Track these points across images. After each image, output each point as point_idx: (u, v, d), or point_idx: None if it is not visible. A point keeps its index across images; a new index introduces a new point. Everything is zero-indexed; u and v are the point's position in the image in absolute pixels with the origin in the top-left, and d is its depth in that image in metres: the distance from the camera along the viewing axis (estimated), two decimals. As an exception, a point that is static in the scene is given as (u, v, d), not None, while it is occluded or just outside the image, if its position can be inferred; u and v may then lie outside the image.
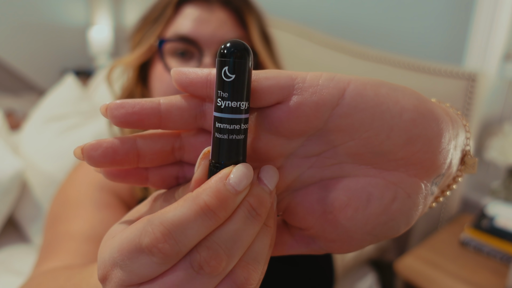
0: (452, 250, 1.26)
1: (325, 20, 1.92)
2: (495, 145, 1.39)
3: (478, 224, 1.26)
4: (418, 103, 0.23)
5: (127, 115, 0.22)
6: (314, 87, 0.22)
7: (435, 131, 0.22)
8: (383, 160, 0.22)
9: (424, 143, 0.22)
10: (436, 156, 0.23)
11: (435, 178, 0.24)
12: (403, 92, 0.23)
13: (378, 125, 0.22)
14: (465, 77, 1.33)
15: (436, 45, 1.55)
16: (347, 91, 0.22)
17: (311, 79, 0.23)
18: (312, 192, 0.24)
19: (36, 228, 1.30)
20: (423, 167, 0.23)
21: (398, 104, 0.22)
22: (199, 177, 0.23)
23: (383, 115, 0.22)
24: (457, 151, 0.25)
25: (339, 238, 0.24)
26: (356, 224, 0.23)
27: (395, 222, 0.24)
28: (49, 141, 1.36)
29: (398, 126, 0.22)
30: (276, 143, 0.24)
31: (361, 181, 0.23)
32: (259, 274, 0.22)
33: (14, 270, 1.18)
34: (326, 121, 0.22)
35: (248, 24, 0.64)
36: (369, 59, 1.59)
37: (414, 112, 0.22)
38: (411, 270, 1.18)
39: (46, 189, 1.30)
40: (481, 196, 1.52)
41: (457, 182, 0.29)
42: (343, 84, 0.22)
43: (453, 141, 0.24)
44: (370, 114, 0.22)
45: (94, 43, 3.41)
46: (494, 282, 1.13)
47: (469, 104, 1.34)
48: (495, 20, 1.36)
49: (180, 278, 0.21)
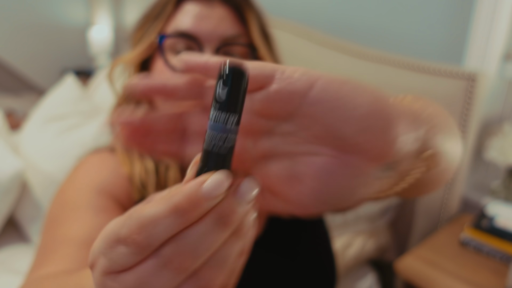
0: (452, 250, 1.26)
1: (326, 20, 1.92)
2: (495, 145, 1.39)
3: (478, 224, 1.26)
4: (373, 101, 0.28)
5: (149, 87, 0.30)
6: (290, 78, 0.27)
7: (384, 125, 0.28)
8: (341, 144, 0.27)
9: (373, 134, 0.27)
10: (384, 146, 0.28)
11: (386, 165, 0.29)
12: (363, 90, 0.28)
13: (337, 115, 0.27)
14: (465, 77, 1.33)
15: (436, 45, 1.55)
16: (315, 85, 0.27)
17: (289, 72, 0.28)
18: (282, 161, 0.30)
19: (36, 228, 1.30)
20: (373, 154, 0.28)
21: (355, 100, 0.27)
22: (188, 179, 0.26)
23: (341, 107, 0.27)
24: (413, 144, 0.31)
25: (297, 201, 0.30)
26: (312, 192, 0.29)
27: (342, 195, 0.29)
28: (49, 141, 1.36)
29: (353, 118, 0.27)
30: (257, 121, 0.29)
31: (321, 159, 0.28)
32: (222, 279, 0.25)
33: (14, 270, 1.18)
34: (297, 107, 0.28)
35: (247, 20, 0.65)
36: (369, 59, 1.59)
37: (367, 108, 0.27)
38: (411, 270, 1.18)
39: (46, 189, 1.30)
40: (481, 196, 1.52)
41: (420, 171, 0.34)
42: (313, 79, 0.27)
43: (407, 135, 0.29)
44: (331, 106, 0.27)
45: (94, 43, 3.41)
46: (494, 282, 1.13)
47: (469, 104, 1.34)
48: (495, 20, 1.36)
49: (149, 269, 0.23)
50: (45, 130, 1.40)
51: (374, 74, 1.57)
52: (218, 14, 0.63)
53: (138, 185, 0.66)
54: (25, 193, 1.31)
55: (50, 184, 1.30)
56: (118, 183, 0.66)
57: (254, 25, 0.65)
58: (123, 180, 0.66)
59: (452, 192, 1.45)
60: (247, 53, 0.65)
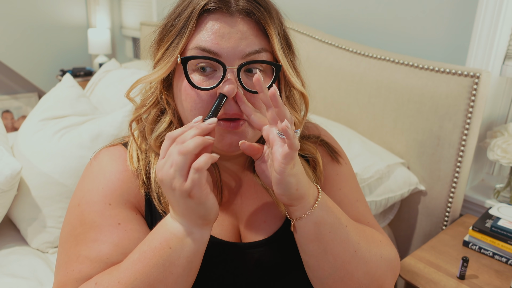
0: (456, 251, 1.25)
1: (336, 22, 1.91)
2: (499, 145, 1.38)
3: (482, 225, 1.24)
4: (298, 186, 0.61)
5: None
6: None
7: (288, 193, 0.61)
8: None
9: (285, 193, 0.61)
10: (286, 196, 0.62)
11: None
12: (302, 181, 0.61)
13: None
14: (468, 77, 1.32)
15: (440, 45, 1.54)
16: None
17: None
18: (263, 164, 0.63)
19: (32, 229, 1.28)
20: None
21: (293, 184, 0.60)
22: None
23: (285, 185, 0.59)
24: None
25: (273, 181, 0.60)
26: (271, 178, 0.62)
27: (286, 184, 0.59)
28: (47, 141, 1.34)
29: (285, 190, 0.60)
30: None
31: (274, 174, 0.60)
32: (175, 170, 0.53)
33: (11, 271, 1.16)
34: None
35: (270, 35, 0.65)
36: (373, 57, 1.58)
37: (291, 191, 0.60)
38: (413, 271, 1.16)
39: (43, 189, 1.28)
40: (485, 197, 1.50)
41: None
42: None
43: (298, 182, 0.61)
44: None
45: (93, 44, 3.40)
46: (499, 284, 1.11)
47: (472, 103, 1.32)
48: (499, 20, 1.34)
49: (175, 150, 0.54)
50: (43, 131, 1.38)
51: (377, 71, 1.55)
52: (239, 31, 0.63)
53: (144, 179, 0.70)
54: (22, 193, 1.29)
55: (47, 184, 1.28)
56: (128, 179, 0.70)
57: (275, 38, 0.65)
58: (132, 176, 0.70)
59: (455, 193, 1.43)
60: (271, 65, 0.66)
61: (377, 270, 0.68)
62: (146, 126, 0.70)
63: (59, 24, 3.53)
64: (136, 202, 0.70)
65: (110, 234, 0.65)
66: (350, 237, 0.66)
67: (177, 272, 0.58)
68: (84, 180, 0.72)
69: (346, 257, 0.65)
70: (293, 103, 0.71)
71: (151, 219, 0.70)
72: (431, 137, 1.44)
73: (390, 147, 1.57)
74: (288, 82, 0.69)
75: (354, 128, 1.66)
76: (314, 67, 1.78)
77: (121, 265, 0.60)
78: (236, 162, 0.75)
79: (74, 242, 0.66)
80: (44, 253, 1.30)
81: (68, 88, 1.61)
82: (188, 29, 0.63)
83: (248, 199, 0.74)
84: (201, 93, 0.63)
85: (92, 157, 0.75)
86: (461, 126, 1.36)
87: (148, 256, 0.57)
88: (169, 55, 0.65)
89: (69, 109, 1.50)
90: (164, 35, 0.67)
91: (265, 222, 0.73)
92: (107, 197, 0.68)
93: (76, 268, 0.63)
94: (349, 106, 1.67)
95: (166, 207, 0.68)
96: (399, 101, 1.50)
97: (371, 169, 1.39)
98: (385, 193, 1.42)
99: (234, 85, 0.60)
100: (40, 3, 3.38)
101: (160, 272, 0.57)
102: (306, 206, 0.61)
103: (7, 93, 3.45)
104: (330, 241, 0.63)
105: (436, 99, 1.40)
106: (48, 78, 3.49)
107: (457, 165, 1.39)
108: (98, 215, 0.67)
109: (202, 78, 0.63)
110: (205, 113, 0.63)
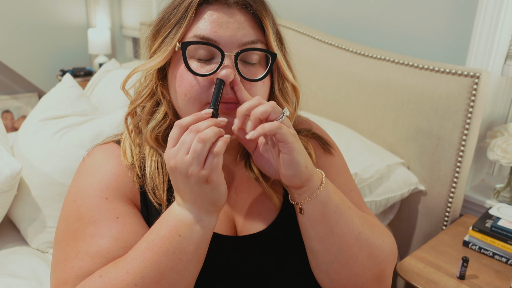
0: (456, 251, 1.25)
1: (336, 22, 1.91)
2: (499, 145, 1.37)
3: (482, 225, 1.24)
4: (307, 164, 0.63)
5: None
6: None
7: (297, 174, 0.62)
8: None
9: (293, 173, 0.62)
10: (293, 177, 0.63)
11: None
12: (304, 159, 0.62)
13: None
14: (468, 77, 1.32)
15: (440, 44, 1.54)
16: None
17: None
18: (265, 153, 0.65)
19: (32, 229, 1.28)
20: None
21: (302, 162, 0.62)
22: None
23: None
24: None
25: (283, 164, 0.61)
26: (274, 165, 0.65)
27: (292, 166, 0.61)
28: (47, 141, 1.34)
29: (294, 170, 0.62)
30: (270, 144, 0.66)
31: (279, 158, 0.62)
32: (198, 154, 0.55)
33: (11, 271, 1.16)
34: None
35: (265, 27, 0.68)
36: (373, 57, 1.58)
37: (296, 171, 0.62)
38: (413, 271, 1.16)
39: (43, 189, 1.28)
40: (485, 197, 1.50)
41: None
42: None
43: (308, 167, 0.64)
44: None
45: (93, 44, 3.40)
46: (499, 284, 1.11)
47: (472, 103, 1.32)
48: (499, 20, 1.34)
49: (190, 137, 0.56)
50: (43, 130, 1.38)
51: (377, 71, 1.55)
52: (237, 21, 0.65)
53: (138, 173, 0.70)
54: (21, 193, 1.29)
55: (47, 184, 1.28)
56: (123, 174, 0.70)
57: (270, 31, 0.68)
58: (126, 171, 0.70)
59: (455, 193, 1.43)
60: (265, 57, 0.69)
61: (380, 254, 0.70)
62: (142, 118, 0.72)
63: (59, 24, 3.53)
64: (132, 196, 0.70)
65: (108, 228, 0.64)
66: (354, 219, 0.68)
67: (186, 258, 0.59)
68: (78, 177, 0.72)
69: (351, 239, 0.67)
70: (285, 96, 0.74)
71: (146, 213, 0.70)
72: (431, 137, 1.44)
73: (390, 147, 1.57)
74: (281, 74, 0.72)
75: (354, 128, 1.66)
76: (314, 67, 1.78)
77: (127, 256, 0.60)
78: (228, 157, 0.76)
79: (71, 239, 0.65)
80: (44, 253, 1.30)
81: (68, 88, 1.61)
82: (187, 19, 0.65)
83: (242, 193, 0.76)
84: (198, 78, 0.65)
85: (85, 155, 0.75)
86: (461, 126, 1.36)
87: (157, 244, 0.58)
88: (167, 43, 0.67)
89: (69, 109, 1.50)
90: (162, 26, 0.69)
91: (260, 215, 0.74)
92: (103, 192, 0.68)
93: (76, 265, 0.62)
94: (349, 106, 1.67)
95: (161, 199, 0.68)
96: (399, 101, 1.50)
97: (371, 169, 1.39)
98: (385, 193, 1.42)
99: (232, 69, 0.62)
100: (40, 3, 3.38)
101: (170, 259, 0.58)
102: (314, 186, 0.64)
103: (7, 93, 3.45)
104: (335, 222, 0.65)
105: (436, 99, 1.40)
106: (48, 78, 3.49)
107: (457, 165, 1.39)
108: (95, 210, 0.66)
109: (200, 65, 0.65)
110: (198, 98, 0.65)
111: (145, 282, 0.57)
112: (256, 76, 0.66)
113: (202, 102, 0.65)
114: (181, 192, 0.59)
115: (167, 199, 0.69)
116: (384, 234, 0.74)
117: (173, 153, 0.57)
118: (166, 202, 0.68)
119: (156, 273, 0.57)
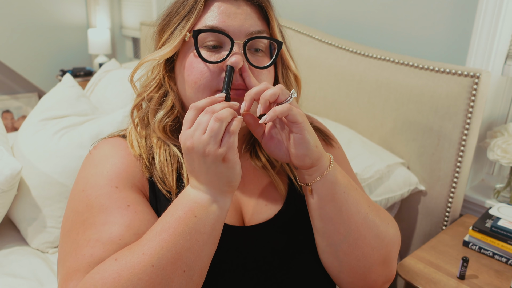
0: (456, 251, 1.25)
1: (336, 22, 1.91)
2: (499, 145, 1.37)
3: (482, 225, 1.24)
4: (316, 144, 0.65)
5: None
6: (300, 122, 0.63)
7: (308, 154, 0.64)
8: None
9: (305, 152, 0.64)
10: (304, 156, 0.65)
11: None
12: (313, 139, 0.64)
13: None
14: (468, 77, 1.32)
15: (440, 44, 1.54)
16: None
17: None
18: (275, 137, 0.66)
19: (32, 229, 1.28)
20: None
21: (313, 142, 0.64)
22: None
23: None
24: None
25: (294, 144, 0.63)
26: (285, 146, 0.66)
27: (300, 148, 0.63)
28: (47, 141, 1.34)
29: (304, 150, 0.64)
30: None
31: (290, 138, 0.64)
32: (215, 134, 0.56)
33: (11, 271, 1.16)
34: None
35: (270, 18, 0.72)
36: (373, 57, 1.58)
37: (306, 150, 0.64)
38: (413, 271, 1.16)
39: (43, 189, 1.28)
40: (485, 197, 1.50)
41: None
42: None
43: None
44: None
45: (93, 44, 3.40)
46: (499, 284, 1.11)
47: (472, 103, 1.32)
48: (499, 20, 1.34)
49: (206, 118, 0.57)
50: (43, 130, 1.38)
51: (377, 71, 1.55)
52: (244, 11, 0.69)
53: (146, 163, 0.72)
54: (22, 193, 1.29)
55: (47, 184, 1.28)
56: (131, 164, 0.72)
57: (275, 21, 0.73)
58: (135, 161, 0.72)
59: (455, 193, 1.43)
60: (270, 47, 0.73)
61: (386, 235, 0.72)
62: (150, 108, 0.74)
63: (59, 24, 3.53)
64: (141, 186, 0.71)
65: (120, 216, 0.65)
66: (361, 199, 0.70)
67: (202, 239, 0.59)
68: (85, 169, 0.72)
69: (359, 219, 0.68)
70: (289, 85, 0.77)
71: (155, 202, 0.71)
72: (431, 137, 1.44)
73: (390, 147, 1.57)
74: (285, 63, 0.76)
75: (354, 128, 1.66)
76: (314, 67, 1.78)
77: (142, 239, 0.60)
78: None
79: (81, 228, 0.65)
80: (44, 253, 1.30)
81: (68, 88, 1.61)
82: (196, 10, 0.69)
83: (249, 183, 0.77)
84: (209, 66, 0.68)
85: (92, 148, 0.76)
86: (461, 126, 1.36)
87: (173, 225, 0.59)
88: (177, 34, 0.70)
89: (69, 109, 1.50)
90: (170, 19, 0.72)
91: (267, 205, 0.75)
92: (113, 180, 0.68)
93: (88, 252, 0.62)
94: (349, 106, 1.67)
95: (171, 187, 0.70)
96: (399, 101, 1.50)
97: (371, 169, 1.39)
98: (385, 193, 1.42)
99: (241, 56, 0.66)
100: (40, 3, 3.38)
101: (186, 240, 0.58)
102: (324, 166, 0.66)
103: (7, 93, 3.45)
104: (344, 201, 0.67)
105: (436, 99, 1.40)
106: (48, 78, 3.49)
107: (457, 165, 1.39)
108: (106, 198, 0.66)
109: (209, 53, 0.68)
110: (209, 85, 0.67)
111: (162, 263, 0.57)
112: (263, 64, 0.70)
113: (212, 89, 0.67)
114: (197, 174, 0.60)
115: (176, 187, 0.70)
116: (389, 219, 0.76)
117: (190, 133, 0.58)
118: (176, 190, 0.70)
119: (173, 253, 0.57)
